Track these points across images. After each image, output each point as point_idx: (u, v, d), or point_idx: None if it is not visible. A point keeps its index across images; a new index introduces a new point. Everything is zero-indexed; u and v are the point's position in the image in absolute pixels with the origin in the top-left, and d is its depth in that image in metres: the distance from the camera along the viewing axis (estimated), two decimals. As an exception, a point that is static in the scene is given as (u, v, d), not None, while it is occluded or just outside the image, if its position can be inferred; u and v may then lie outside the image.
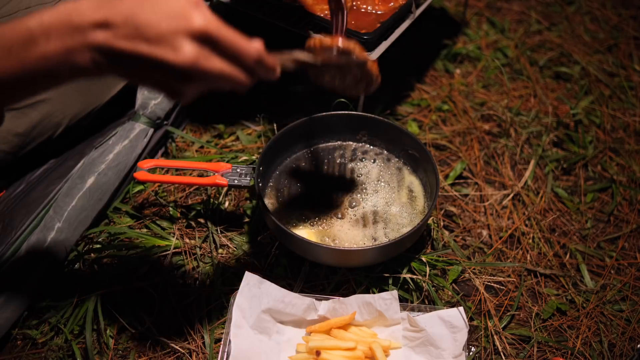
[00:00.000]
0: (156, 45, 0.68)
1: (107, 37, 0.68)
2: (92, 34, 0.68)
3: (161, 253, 1.21)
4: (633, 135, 1.56)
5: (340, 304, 1.07)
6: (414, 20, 1.35)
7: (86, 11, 0.68)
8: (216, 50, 0.71)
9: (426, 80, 1.68)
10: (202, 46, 0.70)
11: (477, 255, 1.28)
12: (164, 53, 0.68)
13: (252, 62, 0.75)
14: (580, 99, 1.63)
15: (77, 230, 1.19)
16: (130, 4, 0.69)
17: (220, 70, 0.72)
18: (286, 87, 1.60)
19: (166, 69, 0.69)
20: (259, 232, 1.25)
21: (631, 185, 1.43)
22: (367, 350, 1.03)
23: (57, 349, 1.08)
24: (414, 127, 1.52)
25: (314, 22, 1.29)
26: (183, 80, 0.71)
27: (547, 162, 1.47)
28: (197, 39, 0.69)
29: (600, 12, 1.98)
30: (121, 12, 0.68)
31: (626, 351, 1.13)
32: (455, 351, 1.04)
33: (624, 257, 1.30)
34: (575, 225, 1.35)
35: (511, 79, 1.70)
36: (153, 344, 1.10)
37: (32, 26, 0.68)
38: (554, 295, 1.21)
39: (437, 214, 1.32)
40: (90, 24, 0.68)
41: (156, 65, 0.69)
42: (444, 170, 1.43)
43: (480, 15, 1.93)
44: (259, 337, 1.06)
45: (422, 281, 1.16)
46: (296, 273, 1.19)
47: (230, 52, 0.72)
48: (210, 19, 0.70)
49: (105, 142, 1.28)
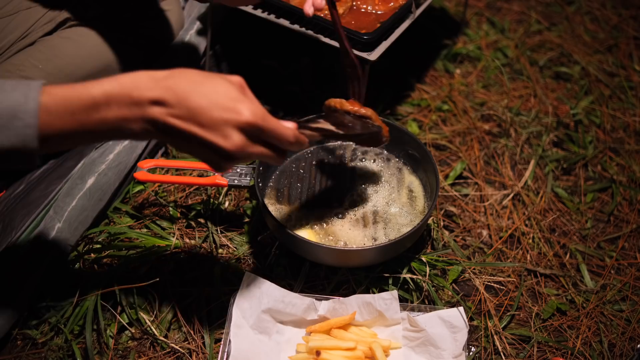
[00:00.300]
0: (208, 130, 0.78)
1: (162, 113, 0.77)
2: (149, 109, 0.77)
3: (161, 253, 1.21)
4: (633, 135, 1.56)
5: (340, 304, 1.07)
6: (414, 20, 1.35)
7: (145, 88, 0.77)
8: (259, 137, 0.82)
9: (426, 80, 1.68)
10: (248, 135, 0.81)
11: (477, 255, 1.28)
12: (215, 138, 0.78)
13: (289, 146, 0.86)
14: (580, 99, 1.63)
15: (77, 231, 1.18)
16: (184, 87, 0.78)
17: (260, 153, 0.84)
18: (286, 87, 1.60)
19: (214, 150, 0.80)
20: (259, 232, 1.25)
21: (631, 185, 1.43)
22: (367, 350, 1.03)
23: (57, 349, 1.08)
24: (414, 127, 1.52)
25: (314, 22, 1.29)
26: (227, 160, 0.82)
27: (547, 162, 1.47)
28: (245, 130, 0.80)
29: (600, 12, 1.98)
30: (176, 93, 0.77)
31: (626, 351, 1.13)
32: (455, 351, 1.04)
33: (624, 257, 1.30)
34: (575, 225, 1.35)
35: (511, 79, 1.70)
36: (153, 344, 1.11)
37: (96, 94, 0.75)
38: (554, 295, 1.22)
39: (437, 214, 1.32)
40: (148, 100, 0.77)
41: (205, 146, 0.79)
42: (444, 170, 1.43)
43: (480, 15, 1.93)
44: (259, 337, 1.06)
45: (422, 281, 1.16)
46: (296, 273, 1.19)
47: (271, 139, 0.84)
48: (256, 110, 0.81)
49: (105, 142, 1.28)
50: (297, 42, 1.26)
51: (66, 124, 0.75)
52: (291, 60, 1.65)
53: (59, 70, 1.26)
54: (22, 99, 0.73)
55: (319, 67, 1.65)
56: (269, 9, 1.34)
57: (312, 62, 1.65)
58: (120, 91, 0.76)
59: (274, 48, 1.67)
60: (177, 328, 1.13)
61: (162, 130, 0.78)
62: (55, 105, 0.74)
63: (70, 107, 0.74)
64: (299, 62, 1.65)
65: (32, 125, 0.73)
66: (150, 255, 1.20)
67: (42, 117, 0.73)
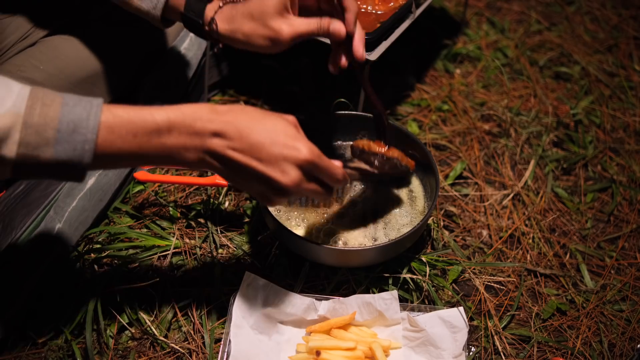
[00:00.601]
0: (267, 165, 0.83)
1: (222, 145, 0.81)
2: (209, 140, 0.81)
3: (161, 253, 1.21)
4: (633, 135, 1.56)
5: (340, 304, 1.07)
6: (414, 20, 1.35)
7: (207, 120, 0.81)
8: (313, 175, 0.87)
9: (426, 80, 1.68)
10: (304, 172, 0.85)
11: (477, 255, 1.28)
12: (273, 173, 0.83)
13: (337, 183, 0.91)
14: (580, 99, 1.63)
15: (77, 231, 1.19)
16: (245, 122, 0.82)
17: (313, 189, 0.89)
18: (286, 87, 1.60)
19: (270, 185, 0.84)
20: (259, 232, 1.25)
21: (631, 185, 1.43)
22: (367, 350, 1.03)
23: (57, 349, 1.08)
24: (414, 127, 1.52)
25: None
26: (280, 194, 0.86)
27: (547, 162, 1.47)
28: (302, 167, 0.85)
29: (600, 12, 1.98)
30: (237, 128, 0.81)
31: (626, 351, 1.13)
32: (455, 351, 1.04)
33: (624, 257, 1.30)
34: (575, 225, 1.35)
35: (511, 79, 1.71)
36: (153, 344, 1.11)
37: (160, 121, 0.79)
38: (554, 295, 1.22)
39: (437, 214, 1.32)
40: (210, 132, 0.81)
41: (262, 180, 0.84)
42: (444, 170, 1.43)
43: (480, 15, 1.93)
44: (259, 337, 1.06)
45: (422, 281, 1.16)
46: (296, 273, 1.19)
47: (324, 176, 0.89)
48: (313, 149, 0.86)
49: (105, 142, 1.28)
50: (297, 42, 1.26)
51: (125, 144, 0.77)
52: (291, 60, 1.65)
53: (60, 71, 1.26)
54: (85, 114, 0.74)
55: (319, 67, 1.65)
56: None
57: (312, 62, 1.65)
58: (183, 120, 0.79)
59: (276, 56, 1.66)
60: (177, 328, 1.13)
61: (219, 161, 0.82)
62: (120, 125, 0.76)
63: (133, 129, 0.77)
64: (299, 62, 1.65)
65: (90, 140, 0.74)
66: (150, 255, 1.20)
67: (104, 134, 0.75)
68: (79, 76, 1.29)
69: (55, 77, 1.25)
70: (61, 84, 1.26)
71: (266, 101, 1.56)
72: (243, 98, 1.57)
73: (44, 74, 1.23)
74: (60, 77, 1.26)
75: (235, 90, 1.58)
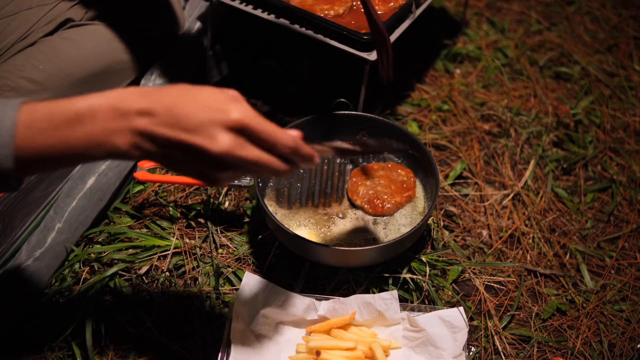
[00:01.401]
0: (194, 133, 0.73)
1: (148, 123, 0.73)
2: (135, 120, 0.73)
3: (161, 253, 1.21)
4: (633, 135, 1.56)
5: (340, 304, 1.07)
6: (414, 20, 1.35)
7: (132, 100, 0.73)
8: (252, 140, 0.76)
9: (426, 80, 1.68)
10: (237, 136, 0.74)
11: (477, 255, 1.28)
12: (200, 141, 0.73)
13: (288, 152, 0.78)
14: (580, 99, 1.63)
15: (77, 231, 1.19)
16: (173, 96, 0.74)
17: (255, 158, 0.76)
18: (286, 87, 1.60)
19: (202, 156, 0.74)
20: (259, 232, 1.25)
21: (631, 185, 1.43)
22: (367, 350, 1.03)
23: (57, 349, 1.08)
24: (414, 127, 1.52)
25: (314, 22, 1.29)
26: (218, 167, 0.76)
27: (547, 162, 1.47)
28: (233, 130, 0.74)
29: (600, 12, 1.98)
30: (163, 103, 0.73)
31: (626, 351, 1.13)
32: (455, 351, 1.04)
33: (624, 257, 1.30)
34: (575, 225, 1.35)
35: (511, 79, 1.70)
36: (153, 344, 1.11)
37: (81, 107, 0.72)
38: (554, 295, 1.22)
39: (437, 214, 1.32)
40: (135, 111, 0.73)
41: (192, 152, 0.74)
42: (444, 170, 1.43)
43: (480, 15, 1.93)
44: (259, 337, 1.06)
45: (422, 281, 1.16)
46: (296, 273, 1.19)
47: (266, 142, 0.76)
48: (247, 111, 0.75)
49: (105, 142, 1.28)
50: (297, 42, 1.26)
51: (49, 140, 0.71)
52: (291, 60, 1.65)
53: (60, 71, 1.26)
54: None
55: (319, 67, 1.65)
56: (269, 9, 1.34)
57: (312, 62, 1.65)
58: (107, 103, 0.73)
59: (274, 48, 1.67)
60: (177, 328, 1.13)
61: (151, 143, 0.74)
62: (39, 119, 0.71)
63: (54, 121, 0.71)
64: (299, 62, 1.65)
65: (6, 144, 0.69)
66: (150, 255, 1.20)
67: (22, 133, 0.70)
68: (79, 76, 1.29)
69: (55, 77, 1.25)
70: (61, 84, 1.26)
71: (266, 101, 1.56)
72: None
73: (43, 74, 1.24)
74: (60, 77, 1.26)
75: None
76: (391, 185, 1.23)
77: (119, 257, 1.19)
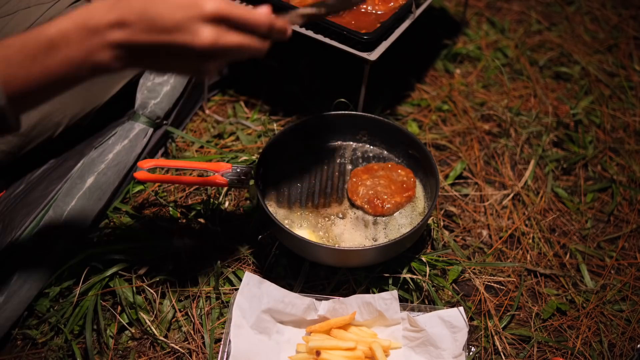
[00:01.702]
0: (175, 33, 0.74)
1: (125, 34, 0.73)
2: (110, 34, 0.73)
3: (161, 253, 1.21)
4: (633, 135, 1.56)
5: (340, 304, 1.07)
6: (414, 20, 1.35)
7: (100, 14, 0.73)
8: (231, 26, 0.78)
9: (426, 80, 1.68)
10: (217, 26, 0.76)
11: (477, 255, 1.28)
12: (183, 38, 0.74)
13: (265, 29, 0.81)
14: (580, 99, 1.63)
15: (77, 231, 1.18)
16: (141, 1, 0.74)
17: (238, 43, 0.79)
18: (286, 87, 1.60)
19: (187, 52, 0.75)
20: (259, 232, 1.24)
21: (631, 185, 1.43)
22: (367, 350, 1.03)
23: (57, 349, 1.08)
24: (414, 127, 1.52)
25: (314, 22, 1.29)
26: (205, 59, 0.78)
27: (547, 162, 1.47)
28: (212, 21, 0.75)
29: (600, 12, 1.98)
30: (134, 10, 0.73)
31: (626, 351, 1.13)
32: (455, 351, 1.04)
33: (624, 257, 1.30)
34: (575, 225, 1.35)
35: (511, 79, 1.70)
36: (153, 344, 1.10)
37: (52, 34, 0.72)
38: (554, 295, 1.22)
39: (437, 214, 1.32)
40: (106, 24, 0.73)
41: (179, 51, 0.75)
42: (444, 170, 1.43)
43: (480, 15, 1.93)
44: (259, 337, 1.06)
45: (422, 281, 1.16)
46: (296, 273, 1.19)
47: (244, 25, 0.79)
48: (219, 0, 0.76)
49: (105, 141, 1.28)
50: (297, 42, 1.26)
51: (31, 72, 0.71)
52: (291, 60, 1.65)
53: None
54: None
55: (319, 67, 1.65)
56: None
57: (312, 62, 1.65)
58: (75, 23, 0.72)
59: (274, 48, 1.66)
60: (177, 328, 1.13)
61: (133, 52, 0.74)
62: (15, 54, 0.71)
63: (29, 53, 0.71)
64: (299, 62, 1.65)
65: None
66: (150, 255, 1.20)
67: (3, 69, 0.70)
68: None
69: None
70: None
71: (266, 101, 1.56)
72: (243, 98, 1.57)
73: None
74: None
75: (235, 90, 1.58)
76: (391, 185, 1.23)
77: (119, 257, 1.18)
